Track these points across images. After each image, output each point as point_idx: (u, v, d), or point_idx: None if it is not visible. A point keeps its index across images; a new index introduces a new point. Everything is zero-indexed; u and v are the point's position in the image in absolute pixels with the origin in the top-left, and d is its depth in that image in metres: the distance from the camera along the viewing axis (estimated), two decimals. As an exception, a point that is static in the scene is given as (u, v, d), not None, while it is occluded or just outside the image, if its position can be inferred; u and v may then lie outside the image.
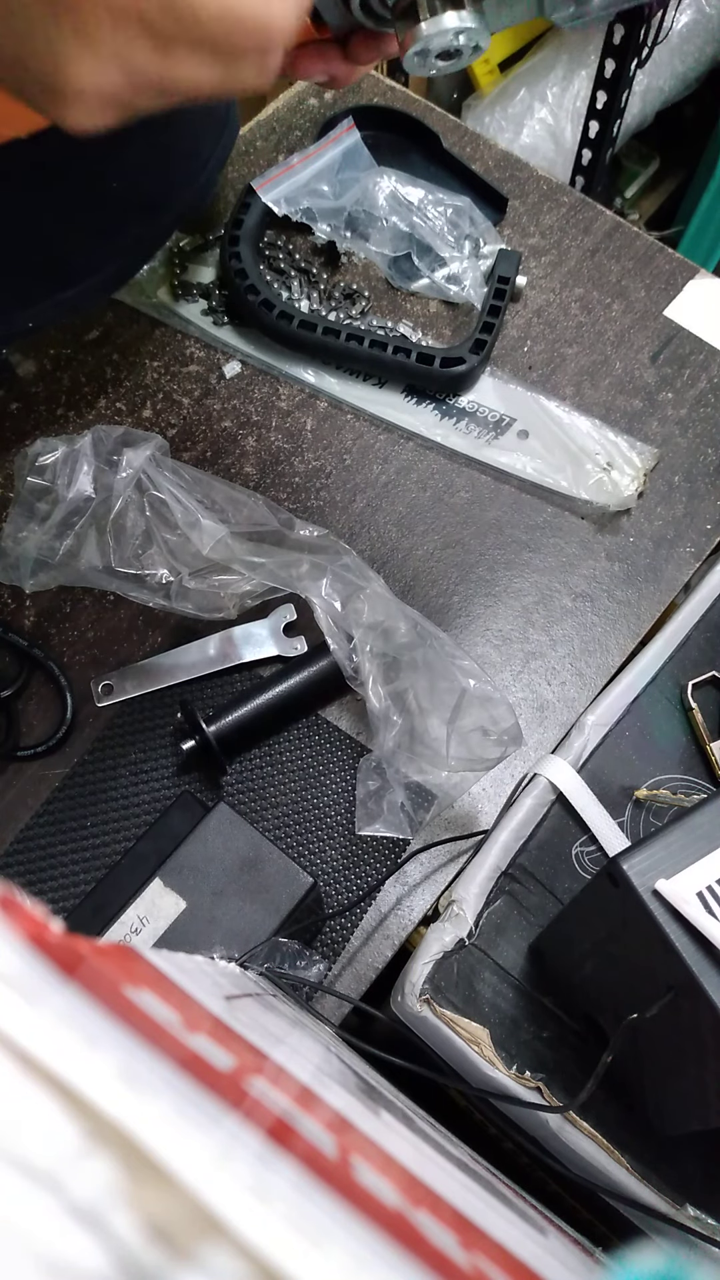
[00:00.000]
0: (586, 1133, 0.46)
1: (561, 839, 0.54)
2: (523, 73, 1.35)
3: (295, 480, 0.68)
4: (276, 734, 0.61)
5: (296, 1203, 0.16)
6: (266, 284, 0.72)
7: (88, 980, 0.19)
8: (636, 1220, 0.47)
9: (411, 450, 0.70)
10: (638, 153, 1.59)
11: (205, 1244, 0.15)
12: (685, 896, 0.37)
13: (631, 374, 0.73)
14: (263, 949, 0.46)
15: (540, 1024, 0.50)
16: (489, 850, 0.53)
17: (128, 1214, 0.15)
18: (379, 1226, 0.18)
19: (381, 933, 0.57)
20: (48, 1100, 0.15)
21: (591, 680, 0.64)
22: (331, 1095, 0.29)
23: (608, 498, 0.66)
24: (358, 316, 0.74)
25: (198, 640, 0.62)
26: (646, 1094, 0.47)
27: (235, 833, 0.49)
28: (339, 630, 0.58)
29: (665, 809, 0.55)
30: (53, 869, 0.57)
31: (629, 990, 0.42)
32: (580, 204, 0.79)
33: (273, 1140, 0.19)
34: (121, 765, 0.60)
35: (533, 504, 0.68)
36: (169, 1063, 0.19)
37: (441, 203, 0.73)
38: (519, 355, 0.73)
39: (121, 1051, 0.18)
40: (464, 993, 0.50)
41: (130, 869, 0.54)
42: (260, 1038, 0.30)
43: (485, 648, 0.64)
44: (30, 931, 0.18)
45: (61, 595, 0.64)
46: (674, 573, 0.67)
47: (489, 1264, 0.22)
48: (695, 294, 0.76)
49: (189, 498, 0.59)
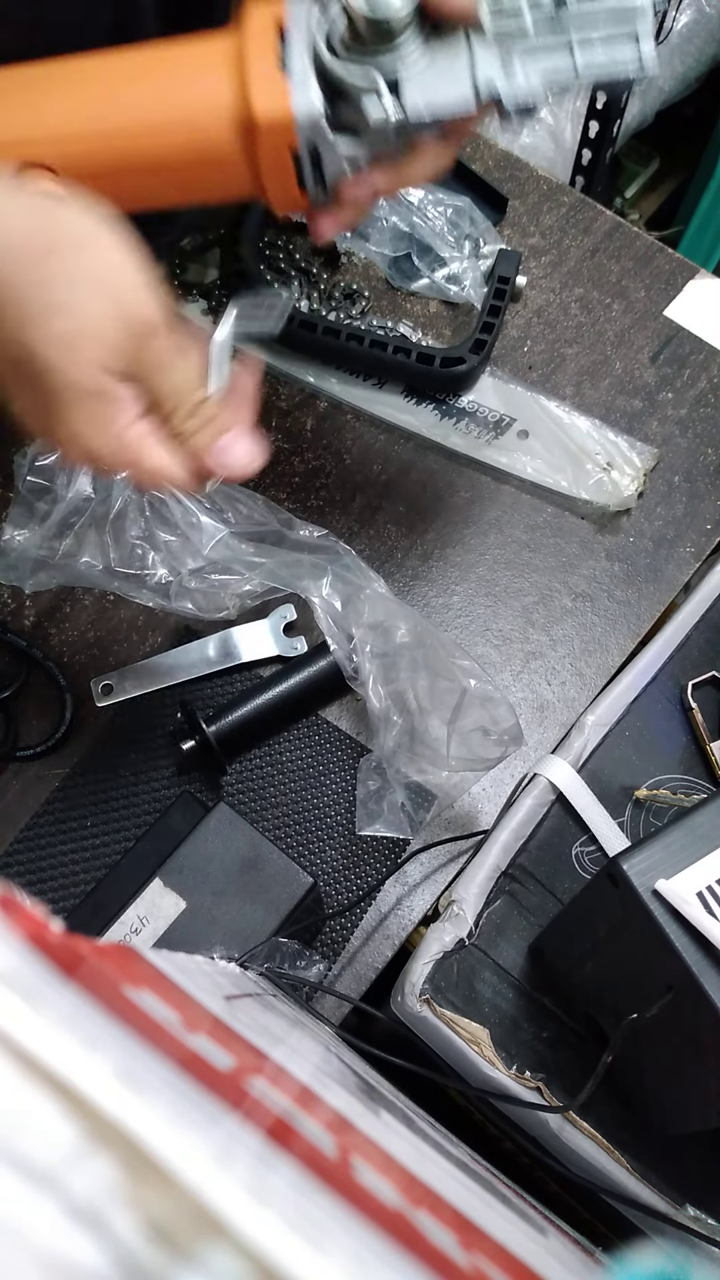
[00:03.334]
0: (586, 1133, 0.46)
1: (561, 839, 0.54)
2: (523, 73, 1.35)
3: (295, 480, 0.68)
4: (276, 734, 0.61)
5: (296, 1203, 0.16)
6: (267, 284, 0.72)
7: (88, 980, 0.19)
8: (636, 1220, 0.47)
9: (411, 450, 0.70)
10: (638, 153, 1.59)
11: (205, 1244, 0.15)
12: (685, 896, 0.37)
13: (631, 374, 0.73)
14: (263, 949, 0.46)
15: (540, 1024, 0.50)
16: (489, 850, 0.53)
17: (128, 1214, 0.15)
18: (379, 1226, 0.18)
19: (381, 933, 0.57)
20: (48, 1100, 0.15)
21: (591, 680, 0.64)
22: (331, 1095, 0.29)
23: (608, 498, 0.66)
24: (358, 317, 0.74)
25: (198, 640, 0.62)
26: (646, 1094, 0.47)
27: (235, 833, 0.49)
28: (339, 630, 0.58)
29: (665, 809, 0.55)
30: (53, 869, 0.57)
31: (629, 990, 0.42)
32: (580, 204, 0.79)
33: (273, 1140, 0.19)
34: (121, 765, 0.60)
35: (533, 504, 0.68)
36: (169, 1063, 0.19)
37: (441, 203, 0.73)
38: (519, 355, 0.73)
39: (121, 1051, 0.18)
40: (464, 993, 0.50)
41: (130, 869, 0.54)
42: (260, 1038, 0.30)
43: (485, 648, 0.64)
44: (30, 931, 0.18)
45: (61, 595, 0.64)
46: (674, 573, 0.67)
47: (489, 1264, 0.22)
48: (695, 294, 0.76)
49: (188, 497, 0.59)
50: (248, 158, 0.43)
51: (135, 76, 0.44)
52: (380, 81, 0.41)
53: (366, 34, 0.41)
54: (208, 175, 0.45)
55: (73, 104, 0.43)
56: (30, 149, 0.42)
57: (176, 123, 0.43)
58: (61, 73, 0.44)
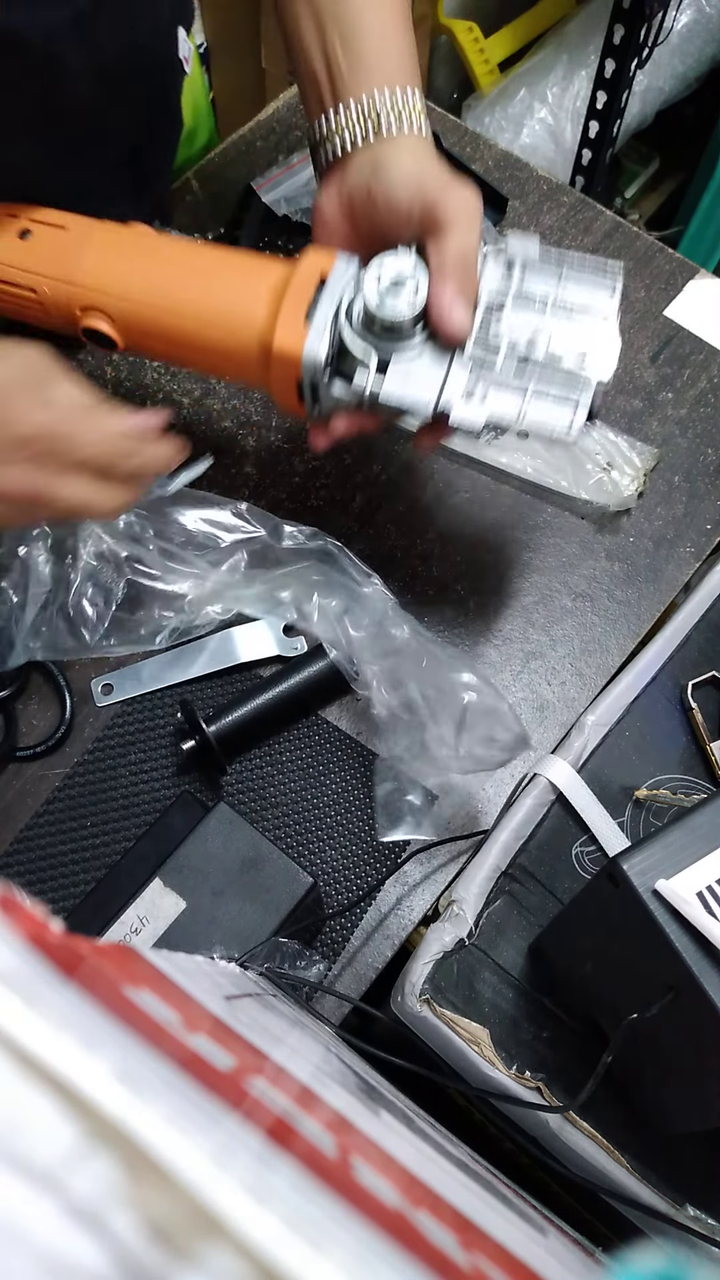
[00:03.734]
0: (586, 1133, 0.46)
1: (561, 839, 0.54)
2: (523, 73, 1.35)
3: (295, 480, 0.68)
4: (276, 734, 0.61)
5: (296, 1203, 0.16)
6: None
7: (88, 980, 0.19)
8: (636, 1220, 0.47)
9: (411, 450, 0.70)
10: (638, 153, 1.59)
11: (205, 1244, 0.15)
12: (685, 896, 0.37)
13: (631, 374, 0.73)
14: (263, 949, 0.46)
15: (540, 1024, 0.50)
16: (489, 850, 0.53)
17: (128, 1214, 0.15)
18: (379, 1226, 0.18)
19: (381, 933, 0.57)
20: (48, 1101, 0.15)
21: (591, 680, 0.64)
22: (331, 1095, 0.29)
23: (608, 498, 0.66)
24: (358, 316, 0.74)
25: (198, 640, 0.62)
26: (646, 1094, 0.47)
27: (235, 833, 0.49)
28: (339, 636, 0.58)
29: (665, 809, 0.55)
30: (53, 869, 0.57)
31: (629, 990, 0.42)
32: (580, 204, 0.79)
33: (272, 1140, 0.19)
34: (121, 765, 0.60)
35: (533, 504, 0.68)
36: (169, 1063, 0.19)
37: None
38: (519, 355, 0.73)
39: (121, 1051, 0.18)
40: (464, 993, 0.50)
41: (130, 869, 0.54)
42: (260, 1038, 0.30)
43: (485, 648, 0.64)
44: (30, 931, 0.18)
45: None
46: (674, 573, 0.67)
47: (489, 1264, 0.22)
48: (695, 294, 0.76)
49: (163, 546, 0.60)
50: (263, 369, 0.51)
51: (199, 271, 0.53)
52: (374, 361, 0.49)
53: (377, 323, 0.48)
54: (230, 366, 0.54)
55: (144, 274, 0.52)
56: (99, 297, 0.52)
57: (216, 321, 0.51)
58: (145, 245, 0.53)
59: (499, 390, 0.49)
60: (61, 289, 0.53)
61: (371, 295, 0.48)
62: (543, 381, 0.48)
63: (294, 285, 0.50)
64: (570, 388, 0.48)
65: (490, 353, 0.49)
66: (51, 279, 0.53)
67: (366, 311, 0.48)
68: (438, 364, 0.49)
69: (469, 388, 0.48)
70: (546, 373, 0.49)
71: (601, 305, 0.50)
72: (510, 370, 0.49)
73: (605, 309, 0.50)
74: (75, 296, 0.53)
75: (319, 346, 0.48)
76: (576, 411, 0.48)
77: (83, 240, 0.54)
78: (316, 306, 0.49)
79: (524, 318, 0.49)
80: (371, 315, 0.48)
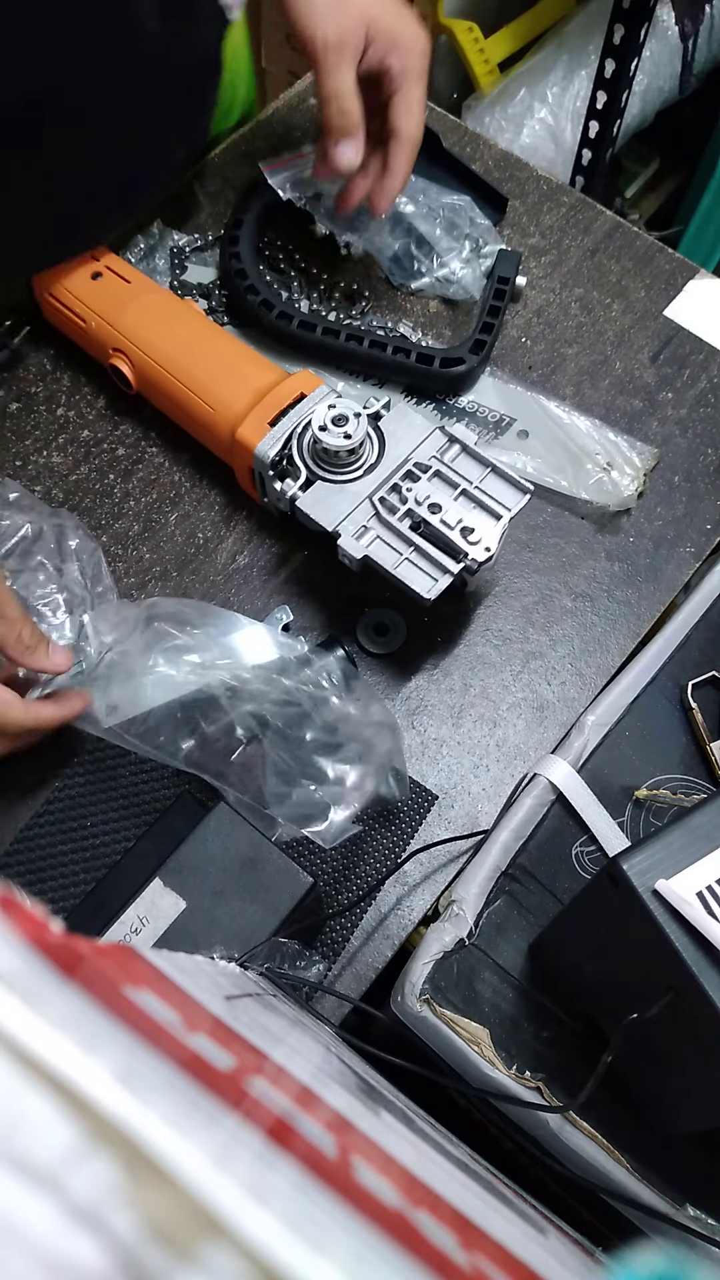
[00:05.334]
0: (586, 1133, 0.46)
1: (561, 839, 0.54)
2: (523, 73, 1.35)
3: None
4: (276, 734, 0.61)
5: (296, 1203, 0.16)
6: (266, 284, 0.72)
7: (88, 980, 0.19)
8: (636, 1220, 0.47)
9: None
10: (638, 153, 1.59)
11: (205, 1244, 0.15)
12: (685, 896, 0.37)
13: (631, 374, 0.73)
14: (263, 949, 0.46)
15: (540, 1024, 0.50)
16: (489, 850, 0.53)
17: (128, 1214, 0.15)
18: (379, 1226, 0.18)
19: (381, 933, 0.57)
20: (47, 1101, 0.15)
21: (591, 680, 0.64)
22: (331, 1095, 0.29)
23: (608, 498, 0.66)
24: (357, 316, 0.74)
25: (198, 640, 0.62)
26: (646, 1094, 0.47)
27: (235, 833, 0.49)
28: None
29: (665, 809, 0.55)
30: (53, 869, 0.57)
31: (629, 990, 0.42)
32: (580, 204, 0.79)
33: (273, 1140, 0.19)
34: (121, 765, 0.60)
35: (532, 504, 0.68)
36: (169, 1063, 0.19)
37: (441, 202, 0.73)
38: (519, 355, 0.73)
39: (121, 1051, 0.18)
40: (464, 993, 0.50)
41: (130, 869, 0.54)
42: (260, 1038, 0.30)
43: (485, 648, 0.64)
44: (30, 931, 0.18)
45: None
46: (674, 573, 0.67)
47: (489, 1264, 0.22)
48: (695, 294, 0.76)
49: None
50: (230, 449, 0.63)
51: (212, 355, 0.64)
52: (302, 476, 0.59)
53: (319, 446, 0.59)
54: (209, 437, 0.65)
55: (168, 340, 0.65)
56: (127, 344, 0.65)
57: (207, 398, 0.63)
58: (181, 317, 0.66)
59: (385, 540, 0.57)
60: (105, 328, 0.65)
61: (317, 423, 0.58)
62: (426, 548, 0.57)
63: (274, 393, 0.61)
64: (441, 563, 0.56)
65: (388, 510, 0.58)
66: (100, 317, 0.66)
67: (314, 435, 0.58)
68: (353, 500, 0.58)
69: (363, 525, 0.58)
70: (430, 541, 0.57)
71: (504, 506, 0.58)
72: (403, 526, 0.57)
73: (504, 511, 0.58)
74: (112, 338, 0.65)
75: (270, 448, 0.59)
76: (438, 583, 0.56)
77: (136, 295, 0.66)
78: (284, 416, 0.60)
79: (438, 489, 0.58)
80: (316, 439, 0.58)
